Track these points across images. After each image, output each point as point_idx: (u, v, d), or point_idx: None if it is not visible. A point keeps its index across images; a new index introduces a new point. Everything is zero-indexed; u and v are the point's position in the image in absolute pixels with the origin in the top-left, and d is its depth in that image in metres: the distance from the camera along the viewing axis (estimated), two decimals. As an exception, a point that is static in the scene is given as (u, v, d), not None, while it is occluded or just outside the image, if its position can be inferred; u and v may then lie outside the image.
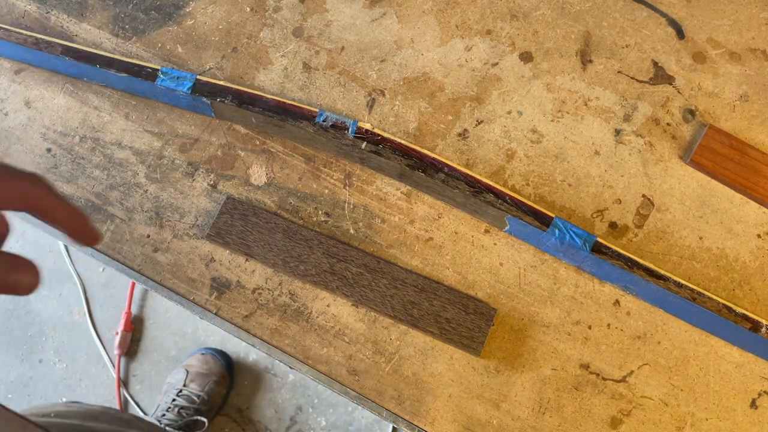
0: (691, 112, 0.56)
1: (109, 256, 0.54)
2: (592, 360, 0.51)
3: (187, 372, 1.22)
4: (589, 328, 0.51)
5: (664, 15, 0.59)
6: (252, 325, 0.52)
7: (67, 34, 0.59)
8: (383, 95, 0.57)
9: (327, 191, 0.55)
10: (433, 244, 0.53)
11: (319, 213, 0.54)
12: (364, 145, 0.53)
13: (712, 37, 0.58)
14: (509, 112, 0.56)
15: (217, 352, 1.29)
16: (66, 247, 1.34)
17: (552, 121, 0.56)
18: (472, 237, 0.53)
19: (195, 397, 1.17)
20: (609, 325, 0.51)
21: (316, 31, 0.59)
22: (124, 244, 0.54)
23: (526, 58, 0.58)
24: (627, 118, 0.56)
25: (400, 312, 0.51)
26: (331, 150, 0.55)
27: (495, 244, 0.53)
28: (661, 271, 0.50)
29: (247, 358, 1.31)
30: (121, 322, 1.32)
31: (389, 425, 1.27)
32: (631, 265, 0.50)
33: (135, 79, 0.55)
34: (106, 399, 1.29)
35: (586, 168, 0.55)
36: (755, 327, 0.49)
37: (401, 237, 0.54)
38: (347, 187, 0.55)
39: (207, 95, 0.54)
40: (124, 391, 1.29)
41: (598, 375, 0.50)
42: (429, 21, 0.59)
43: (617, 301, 0.52)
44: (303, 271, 0.52)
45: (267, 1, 0.60)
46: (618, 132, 0.56)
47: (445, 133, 0.56)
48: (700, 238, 0.53)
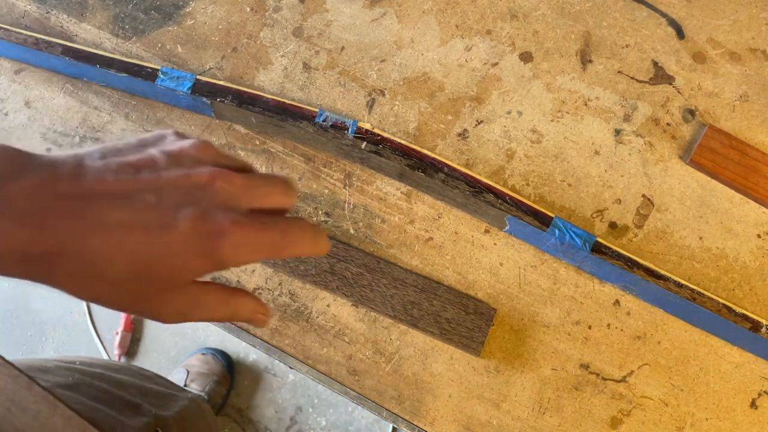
0: (691, 112, 0.56)
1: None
2: (592, 360, 0.51)
3: (188, 372, 1.22)
4: (589, 328, 0.51)
5: (664, 15, 0.59)
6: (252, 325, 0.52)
7: (67, 34, 0.59)
8: (383, 95, 0.57)
9: (327, 191, 0.55)
10: (433, 244, 0.53)
11: (319, 213, 0.54)
12: (364, 145, 0.53)
13: (712, 37, 0.58)
14: (509, 112, 0.56)
15: (217, 351, 1.29)
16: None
17: (552, 121, 0.56)
18: (472, 237, 0.53)
19: (195, 397, 1.17)
20: (609, 325, 0.51)
21: (316, 31, 0.59)
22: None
23: (526, 58, 0.58)
24: (627, 118, 0.56)
25: (400, 312, 0.51)
26: (331, 150, 0.55)
27: (495, 244, 0.53)
28: (661, 271, 0.50)
29: (247, 358, 1.31)
30: (121, 322, 1.32)
31: (389, 425, 1.27)
32: (631, 265, 0.50)
33: (135, 79, 0.55)
34: (106, 399, 1.29)
35: (586, 168, 0.55)
36: (755, 327, 0.49)
37: (401, 237, 0.54)
38: (347, 187, 0.55)
39: (207, 95, 0.54)
40: (124, 391, 1.29)
41: (598, 375, 0.50)
42: (429, 21, 0.59)
43: (617, 301, 0.52)
44: (303, 271, 0.52)
45: (267, 1, 0.60)
46: (618, 132, 0.56)
47: (445, 133, 0.56)
48: (700, 238, 0.53)
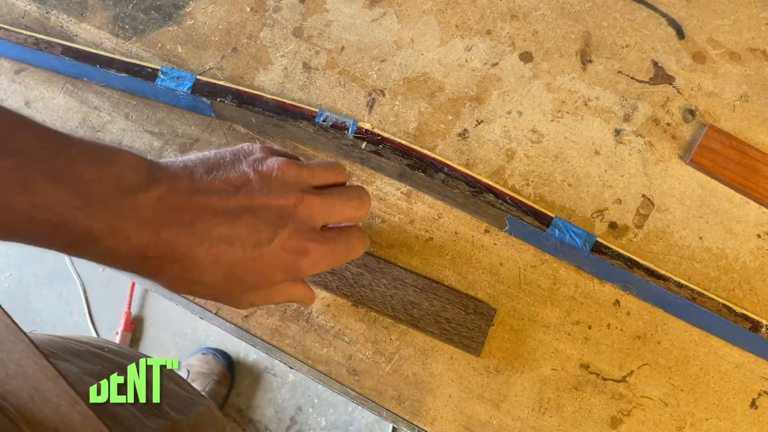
0: (691, 112, 0.56)
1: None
2: (592, 360, 0.51)
3: (188, 372, 1.22)
4: (589, 328, 0.51)
5: (664, 15, 0.59)
6: (252, 325, 0.52)
7: (67, 34, 0.59)
8: (383, 95, 0.57)
9: (327, 191, 0.55)
10: (433, 244, 0.53)
11: (319, 213, 0.54)
12: (364, 145, 0.53)
13: (712, 37, 0.58)
14: (509, 112, 0.56)
15: (217, 351, 1.29)
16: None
17: (552, 121, 0.56)
18: (472, 237, 0.53)
19: (195, 397, 1.17)
20: (609, 325, 0.51)
21: (316, 31, 0.59)
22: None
23: (526, 58, 0.58)
24: (627, 118, 0.56)
25: (400, 312, 0.51)
26: (331, 150, 0.55)
27: (495, 244, 0.53)
28: (661, 271, 0.50)
29: (247, 358, 1.31)
30: (121, 322, 1.32)
31: (389, 425, 1.27)
32: (631, 265, 0.50)
33: (135, 79, 0.55)
34: (107, 399, 1.29)
35: (586, 168, 0.55)
36: (755, 327, 0.49)
37: (401, 237, 0.54)
38: (347, 187, 0.55)
39: (207, 95, 0.54)
40: (124, 391, 1.29)
41: (598, 375, 0.50)
42: (429, 21, 0.59)
43: (617, 301, 0.52)
44: (303, 271, 0.52)
45: (267, 1, 0.60)
46: (618, 132, 0.56)
47: (445, 133, 0.56)
48: (700, 238, 0.53)
